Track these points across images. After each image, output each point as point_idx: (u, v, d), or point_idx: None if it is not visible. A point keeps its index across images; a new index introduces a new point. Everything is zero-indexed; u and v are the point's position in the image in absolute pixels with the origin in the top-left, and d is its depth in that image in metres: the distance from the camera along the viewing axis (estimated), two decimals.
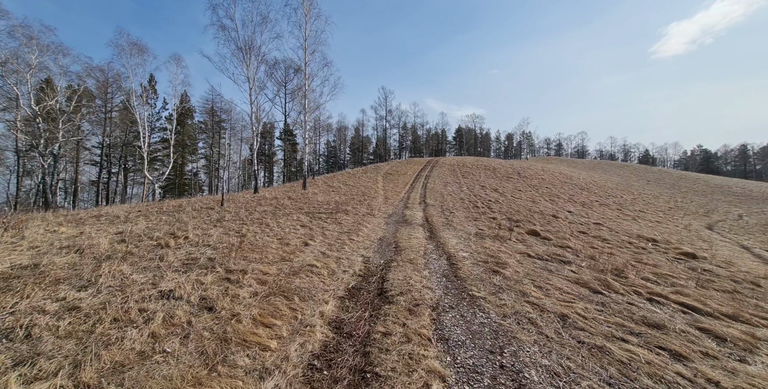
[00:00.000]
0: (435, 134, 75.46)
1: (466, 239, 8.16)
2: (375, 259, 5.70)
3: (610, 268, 5.67)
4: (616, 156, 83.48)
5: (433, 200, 17.09)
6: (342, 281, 4.26)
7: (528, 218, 13.17)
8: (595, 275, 5.17)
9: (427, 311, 3.48)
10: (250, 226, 7.68)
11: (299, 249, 5.64)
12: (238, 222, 8.13)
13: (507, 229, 10.01)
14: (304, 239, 6.49)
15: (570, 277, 5.06)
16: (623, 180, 42.32)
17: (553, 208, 17.52)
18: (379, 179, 27.10)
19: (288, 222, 8.50)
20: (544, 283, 4.66)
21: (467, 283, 4.54)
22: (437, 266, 5.50)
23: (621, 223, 15.12)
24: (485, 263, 5.76)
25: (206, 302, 3.04)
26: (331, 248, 5.97)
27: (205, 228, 6.99)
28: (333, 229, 8.02)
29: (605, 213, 18.22)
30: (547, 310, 3.67)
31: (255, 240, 6.01)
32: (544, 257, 6.44)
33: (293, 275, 4.13)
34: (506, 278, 4.84)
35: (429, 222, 10.59)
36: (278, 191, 19.23)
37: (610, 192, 29.62)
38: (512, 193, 22.89)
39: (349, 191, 19.85)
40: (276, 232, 7.03)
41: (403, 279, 4.51)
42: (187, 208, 11.06)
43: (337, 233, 7.47)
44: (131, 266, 4.06)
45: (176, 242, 5.42)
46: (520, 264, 5.75)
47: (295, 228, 7.76)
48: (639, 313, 3.71)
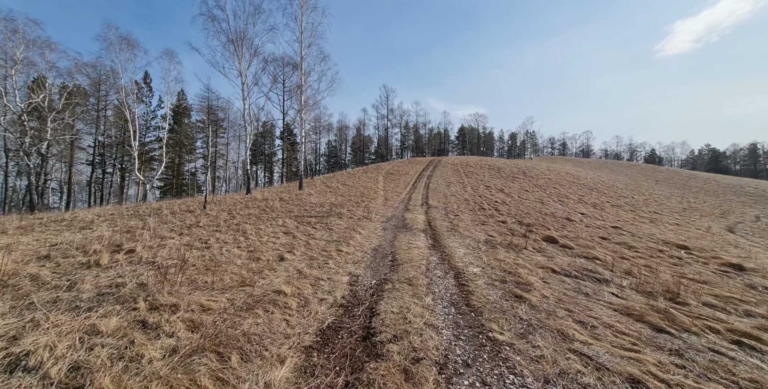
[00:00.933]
0: (437, 134, 74.14)
1: (475, 248, 6.99)
2: (365, 278, 4.54)
3: (660, 289, 4.49)
4: (621, 156, 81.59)
5: (436, 202, 15.92)
6: (315, 317, 3.10)
7: (540, 222, 11.97)
8: (647, 302, 3.99)
9: (431, 373, 2.33)
10: (223, 233, 6.55)
11: (270, 267, 4.50)
12: (212, 229, 7.01)
13: (521, 235, 8.82)
14: (281, 252, 5.35)
15: (615, 304, 3.89)
16: (631, 180, 40.94)
17: (564, 210, 16.30)
18: (379, 179, 25.95)
19: (270, 228, 7.37)
20: (585, 315, 3.49)
21: (485, 317, 3.37)
22: (443, 288, 4.33)
23: (639, 226, 13.86)
24: (503, 282, 4.59)
25: (77, 375, 1.85)
26: (312, 264, 4.82)
27: (166, 237, 5.87)
28: (321, 237, 6.88)
29: (620, 215, 16.94)
30: (605, 368, 2.51)
31: (219, 254, 4.88)
32: (572, 273, 5.26)
33: (247, 310, 2.99)
34: (534, 307, 3.68)
35: (432, 227, 9.42)
36: (272, 191, 18.13)
37: (620, 192, 28.31)
38: (519, 193, 21.66)
39: (347, 191, 18.71)
40: (251, 242, 5.90)
41: (398, 312, 3.35)
42: (164, 211, 9.97)
43: (324, 243, 6.32)
44: (13, 301, 2.93)
45: (112, 258, 4.31)
46: (547, 284, 4.58)
47: (276, 236, 6.62)
48: (741, 371, 2.54)
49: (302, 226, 8.06)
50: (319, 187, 21.21)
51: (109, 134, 32.51)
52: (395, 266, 5.21)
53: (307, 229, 7.66)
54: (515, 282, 4.59)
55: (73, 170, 30.59)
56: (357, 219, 9.65)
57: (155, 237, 5.75)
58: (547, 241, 8.44)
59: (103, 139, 30.59)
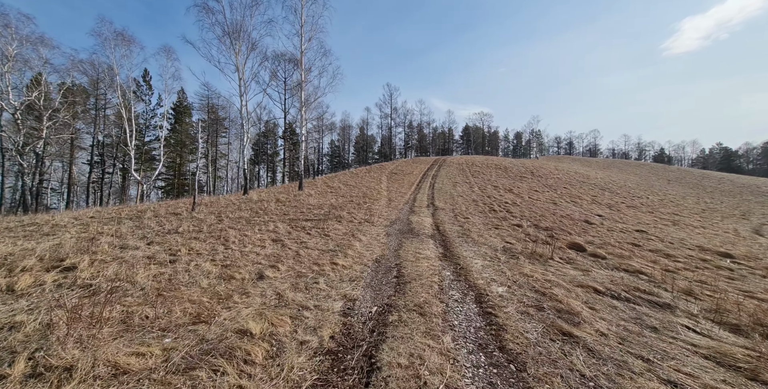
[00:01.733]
0: (441, 133, 72.87)
1: (494, 258, 5.96)
2: (364, 304, 3.54)
3: (747, 320, 3.44)
4: (630, 155, 79.48)
5: (442, 203, 14.88)
6: (288, 378, 2.12)
7: (559, 226, 10.89)
8: (743, 343, 2.95)
9: None
10: (201, 242, 5.59)
11: (244, 289, 3.52)
12: (190, 236, 6.06)
13: (542, 242, 7.76)
14: (262, 267, 4.37)
15: (701, 347, 2.85)
16: (642, 180, 39.54)
17: (579, 211, 15.17)
18: (382, 179, 24.95)
19: (257, 235, 6.40)
20: (671, 370, 2.46)
21: (530, 373, 2.36)
22: (464, 318, 3.32)
23: (664, 229, 12.70)
24: (539, 309, 3.57)
25: None
26: (298, 285, 3.83)
27: (129, 247, 4.93)
28: (315, 245, 5.89)
29: (638, 217, 15.75)
30: None
31: (184, 271, 3.91)
32: (620, 293, 4.22)
33: (185, 371, 2.01)
34: (593, 353, 2.66)
35: (441, 232, 8.40)
36: (271, 192, 17.21)
37: (633, 193, 27.03)
38: (529, 194, 20.54)
39: (348, 192, 17.74)
40: (229, 253, 4.93)
41: (407, 365, 2.35)
42: (148, 214, 9.05)
43: (317, 253, 5.33)
44: None
45: (39, 279, 3.37)
46: (596, 313, 3.54)
47: (262, 245, 5.65)
48: None
49: (295, 231, 7.08)
50: (320, 187, 20.27)
51: (109, 133, 31.88)
52: (401, 284, 4.21)
53: (300, 235, 6.68)
54: (555, 309, 3.56)
55: (73, 170, 29.97)
56: (358, 223, 8.66)
57: (116, 247, 4.81)
58: (573, 249, 7.39)
59: (103, 138, 29.94)
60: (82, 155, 31.97)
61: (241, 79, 16.57)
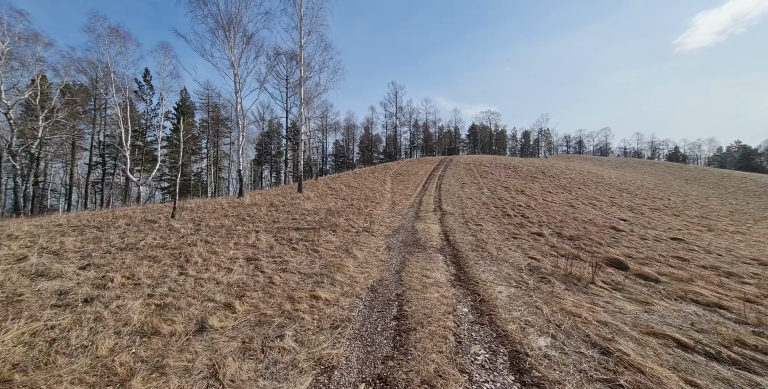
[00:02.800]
0: (448, 132, 71.22)
1: (520, 282, 4.71)
2: (346, 376, 2.35)
3: None
4: (642, 154, 76.61)
5: (451, 206, 13.60)
6: None
7: (584, 233, 9.54)
8: None
9: None
10: (155, 262, 4.44)
11: (161, 359, 2.35)
12: (144, 254, 4.92)
13: (572, 256, 6.45)
14: (212, 308, 3.19)
15: None
16: (659, 180, 37.65)
17: (601, 215, 13.75)
18: (387, 180, 23.72)
19: (230, 252, 5.23)
20: None
21: None
22: None
23: (700, 236, 11.23)
24: (609, 383, 2.35)
25: None
26: (252, 343, 2.62)
27: (48, 274, 3.79)
28: (297, 267, 4.70)
29: (666, 221, 14.24)
30: None
31: (94, 320, 2.75)
32: (717, 350, 2.95)
33: None
34: None
35: (451, 244, 7.15)
36: (267, 194, 16.11)
37: (652, 193, 25.34)
38: (542, 195, 19.11)
39: (350, 194, 16.56)
40: (179, 283, 3.76)
41: None
42: (121, 221, 7.96)
43: (297, 280, 4.14)
44: None
45: None
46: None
47: (229, 267, 4.47)
48: None
49: (279, 245, 5.90)
50: (320, 189, 19.13)
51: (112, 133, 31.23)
52: (403, 333, 2.99)
53: (282, 251, 5.49)
54: (636, 384, 2.32)
55: (74, 171, 29.37)
56: (355, 233, 7.45)
57: (30, 275, 3.68)
58: (612, 266, 6.08)
59: (104, 138, 29.27)
60: (85, 156, 31.39)
61: (237, 75, 15.51)
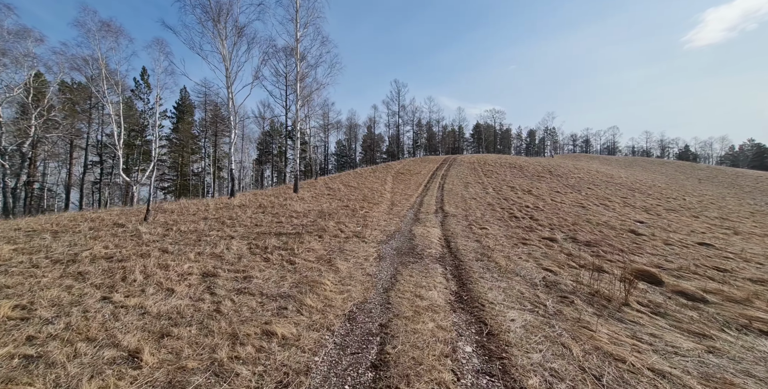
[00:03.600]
0: (451, 131, 69.94)
1: (537, 305, 3.79)
2: None
3: None
4: (651, 152, 74.41)
5: (453, 207, 12.65)
6: None
7: (601, 238, 8.54)
8: None
9: None
10: (77, 283, 3.59)
11: None
12: (77, 269, 4.07)
13: (594, 267, 5.48)
14: (110, 358, 2.33)
15: None
16: (671, 179, 36.26)
17: (615, 217, 12.70)
18: (387, 180, 22.81)
19: (185, 265, 4.36)
20: None
21: None
22: None
23: (729, 241, 10.14)
24: None
25: None
26: None
27: None
28: (261, 285, 3.82)
29: (686, 223, 13.13)
30: None
31: None
32: None
33: None
34: None
35: (452, 252, 6.22)
36: (261, 195, 15.30)
37: (666, 193, 24.08)
38: (551, 195, 18.06)
39: (348, 194, 15.69)
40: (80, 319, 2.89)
41: None
42: (83, 226, 7.15)
43: (254, 306, 3.25)
44: None
45: None
46: None
47: (172, 288, 3.59)
48: None
49: (250, 255, 5.04)
50: (318, 189, 18.29)
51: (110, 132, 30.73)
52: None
53: (251, 263, 4.62)
54: None
55: (72, 171, 28.89)
56: (344, 238, 6.56)
57: None
58: (644, 280, 5.11)
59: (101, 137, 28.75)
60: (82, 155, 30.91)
61: (228, 68, 14.71)
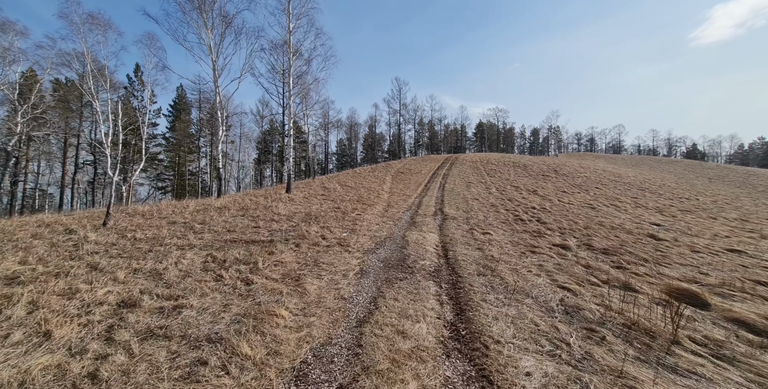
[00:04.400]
0: (454, 130, 68.71)
1: (557, 345, 2.83)
2: None
3: None
4: (657, 151, 72.63)
5: (454, 209, 11.68)
6: None
7: (619, 244, 7.54)
8: None
9: None
10: None
11: None
12: None
13: (620, 283, 4.46)
14: None
15: None
16: (680, 178, 34.99)
17: (629, 219, 11.64)
18: (386, 179, 21.86)
19: (102, 290, 3.45)
20: None
21: None
22: None
23: (759, 246, 9.07)
24: None
25: None
26: None
27: None
28: (188, 321, 2.91)
29: (705, 226, 12.02)
30: None
31: None
32: None
33: None
34: None
35: (450, 263, 5.27)
36: (250, 195, 14.41)
37: (677, 193, 22.90)
38: (557, 196, 17.01)
39: (343, 194, 14.77)
40: None
41: None
42: (22, 233, 6.26)
43: (162, 359, 2.33)
44: None
45: None
46: None
47: (54, 327, 2.69)
48: None
49: (201, 272, 4.12)
50: (313, 189, 17.39)
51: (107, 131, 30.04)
52: None
53: (195, 284, 3.69)
54: None
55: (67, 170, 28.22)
56: (325, 247, 5.63)
57: None
58: (684, 300, 4.15)
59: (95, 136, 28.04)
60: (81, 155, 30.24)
61: (215, 61, 13.84)
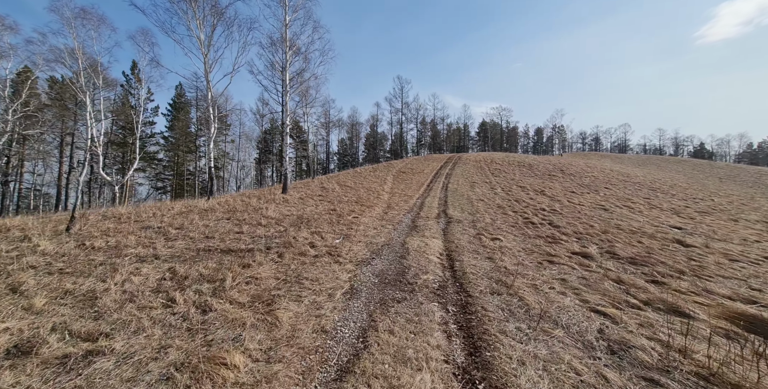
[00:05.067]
0: (457, 129, 67.68)
1: None
2: None
3: None
4: (664, 150, 71.21)
5: (459, 211, 10.84)
6: None
7: (646, 252, 6.68)
8: None
9: None
10: None
11: None
12: None
13: (666, 305, 3.56)
14: None
15: None
16: (690, 178, 33.88)
17: (648, 222, 10.75)
18: (387, 179, 21.04)
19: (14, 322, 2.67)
20: None
21: None
22: None
23: None
24: None
25: None
26: None
27: None
28: (90, 381, 2.15)
29: (730, 229, 11.07)
30: None
31: None
32: None
33: None
34: None
35: (456, 277, 4.45)
36: (244, 196, 13.65)
37: (689, 194, 21.88)
38: (566, 196, 16.11)
39: (341, 195, 13.98)
40: None
41: None
42: None
43: None
44: None
45: None
46: None
47: None
48: None
49: (151, 293, 3.34)
50: (311, 189, 16.62)
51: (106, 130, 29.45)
52: None
53: (133, 315, 2.91)
54: None
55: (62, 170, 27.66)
56: (313, 258, 4.84)
57: None
58: (745, 327, 3.31)
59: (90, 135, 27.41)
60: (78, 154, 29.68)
61: (206, 55, 13.09)
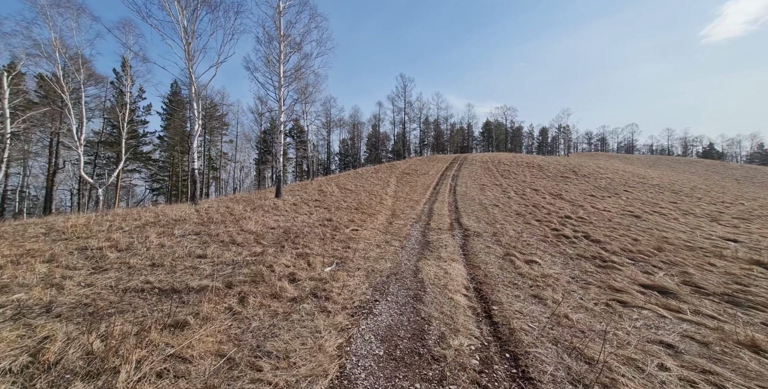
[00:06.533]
0: (460, 129, 66.01)
1: None
2: None
3: None
4: (672, 151, 69.41)
5: (474, 220, 9.26)
6: None
7: (734, 280, 5.11)
8: None
9: None
10: None
11: None
12: None
13: None
14: None
15: None
16: (706, 180, 32.12)
17: (692, 232, 9.12)
18: (391, 181, 19.47)
19: None
20: None
21: None
22: None
23: None
24: None
25: None
26: None
27: None
28: None
29: None
30: None
31: None
32: None
33: None
34: None
35: (502, 341, 2.87)
36: (233, 200, 12.13)
37: (715, 197, 20.14)
38: (587, 201, 14.50)
39: (340, 200, 12.44)
40: None
41: None
42: None
43: None
44: None
45: None
46: None
47: None
48: None
49: None
50: (308, 192, 15.09)
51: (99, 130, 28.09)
52: None
53: None
54: None
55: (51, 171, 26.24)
56: (288, 303, 3.30)
57: None
58: None
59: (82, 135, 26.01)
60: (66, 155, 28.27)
61: (189, 44, 11.58)
